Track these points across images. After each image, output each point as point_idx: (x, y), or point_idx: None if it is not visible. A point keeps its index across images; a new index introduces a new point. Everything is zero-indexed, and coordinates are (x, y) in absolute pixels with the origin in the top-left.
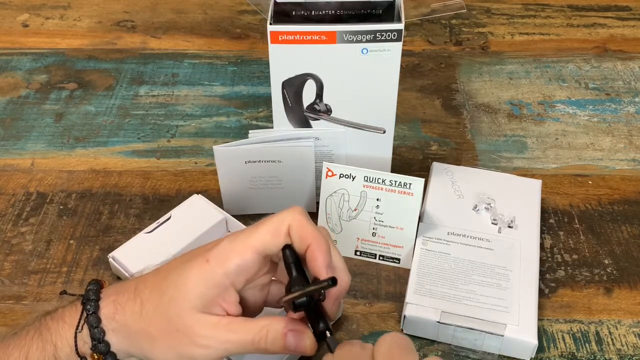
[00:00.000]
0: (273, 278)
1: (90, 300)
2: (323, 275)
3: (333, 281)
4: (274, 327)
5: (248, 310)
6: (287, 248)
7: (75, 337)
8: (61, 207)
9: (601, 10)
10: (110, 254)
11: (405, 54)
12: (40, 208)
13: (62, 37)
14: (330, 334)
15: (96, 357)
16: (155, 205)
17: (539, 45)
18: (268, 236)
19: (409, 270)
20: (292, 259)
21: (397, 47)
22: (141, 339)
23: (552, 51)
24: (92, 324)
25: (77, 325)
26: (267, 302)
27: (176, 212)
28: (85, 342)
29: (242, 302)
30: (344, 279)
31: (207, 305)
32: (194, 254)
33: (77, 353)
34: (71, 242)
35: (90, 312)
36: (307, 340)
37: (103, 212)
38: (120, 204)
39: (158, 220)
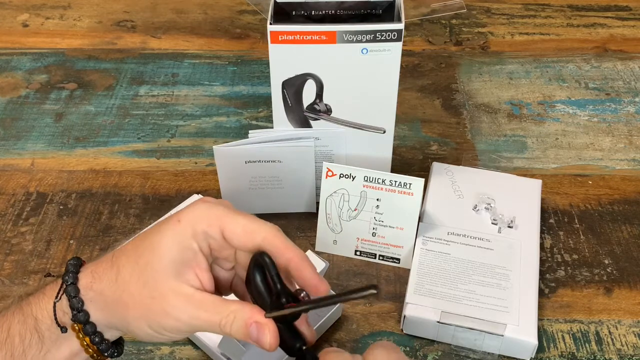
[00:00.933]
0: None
1: (69, 272)
2: (316, 284)
3: (376, 288)
4: (240, 315)
5: (219, 285)
6: (267, 257)
7: (54, 306)
8: (61, 207)
9: (601, 10)
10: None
11: (405, 54)
12: (40, 208)
13: (62, 37)
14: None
15: (77, 327)
16: (155, 205)
17: (539, 45)
18: (240, 231)
19: (409, 270)
20: (274, 271)
21: (397, 47)
22: (117, 308)
23: (552, 51)
24: (70, 294)
25: (57, 296)
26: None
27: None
28: (65, 313)
29: (213, 271)
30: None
31: (180, 271)
32: (170, 216)
33: (57, 322)
34: (71, 242)
35: (69, 282)
36: (267, 336)
37: (103, 212)
38: (120, 204)
39: (158, 220)
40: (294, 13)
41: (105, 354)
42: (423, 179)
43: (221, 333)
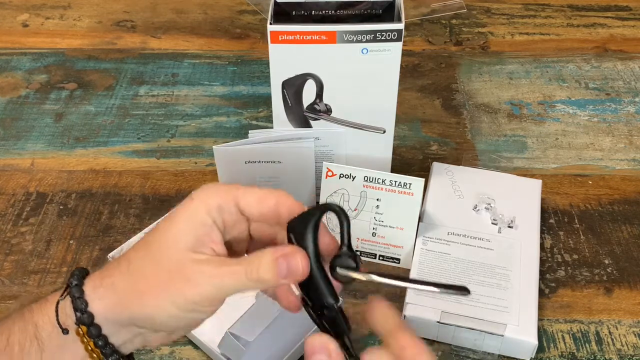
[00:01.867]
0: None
1: (74, 275)
2: (329, 240)
3: (468, 291)
4: (267, 254)
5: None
6: (339, 206)
7: (57, 307)
8: (61, 207)
9: (601, 10)
10: (110, 254)
11: (405, 54)
12: (40, 208)
13: (62, 37)
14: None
15: (81, 331)
16: (155, 205)
17: (539, 45)
18: (254, 199)
19: (409, 270)
20: (347, 224)
21: (397, 47)
22: (132, 298)
23: (552, 51)
24: (74, 295)
25: (61, 295)
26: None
27: None
28: (68, 316)
29: (227, 248)
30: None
31: (196, 245)
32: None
33: (58, 323)
34: (71, 242)
35: (74, 284)
36: (298, 260)
37: (103, 212)
38: (120, 204)
39: (158, 220)
40: (294, 13)
41: (110, 359)
42: (423, 179)
43: (249, 284)
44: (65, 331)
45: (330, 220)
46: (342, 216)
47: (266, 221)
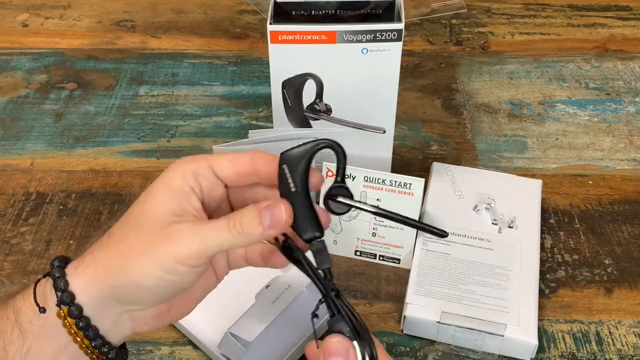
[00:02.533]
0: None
1: (55, 259)
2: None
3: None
4: (248, 209)
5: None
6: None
7: (35, 285)
8: (61, 207)
9: (601, 10)
10: None
11: (405, 54)
12: (40, 208)
13: (62, 37)
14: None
15: (62, 313)
16: None
17: (539, 45)
18: (227, 160)
19: (409, 270)
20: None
21: (397, 47)
22: (111, 265)
23: (552, 51)
24: (54, 274)
25: (39, 279)
26: None
27: None
28: (49, 299)
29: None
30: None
31: (176, 210)
32: None
33: (36, 302)
34: (71, 242)
35: (55, 265)
36: (282, 210)
37: (103, 212)
38: (120, 204)
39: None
40: (294, 13)
41: (93, 343)
42: (423, 179)
43: (232, 238)
44: (42, 309)
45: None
46: (340, 152)
47: (244, 182)
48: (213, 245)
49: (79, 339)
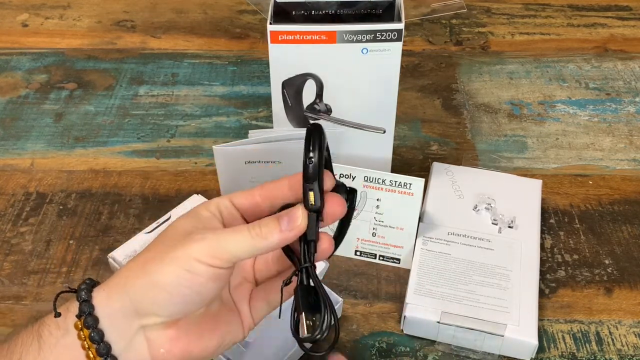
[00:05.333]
0: None
1: (84, 282)
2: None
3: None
4: (266, 218)
5: None
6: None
7: (56, 298)
8: (61, 207)
9: (601, 10)
10: (110, 254)
11: (405, 54)
12: (40, 208)
13: (61, 37)
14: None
15: (79, 324)
16: (155, 205)
17: (539, 45)
18: (244, 194)
19: (409, 270)
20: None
21: (397, 47)
22: (134, 271)
23: (552, 51)
24: (81, 287)
25: (61, 291)
26: None
27: (176, 212)
28: (71, 311)
29: None
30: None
31: (198, 226)
32: None
33: (54, 307)
34: (71, 242)
35: (82, 287)
36: (299, 213)
37: (103, 212)
38: (120, 204)
39: (158, 220)
40: (293, 13)
41: (103, 358)
42: (423, 179)
43: (252, 241)
44: (57, 314)
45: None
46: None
47: (258, 212)
48: (232, 247)
49: (91, 355)
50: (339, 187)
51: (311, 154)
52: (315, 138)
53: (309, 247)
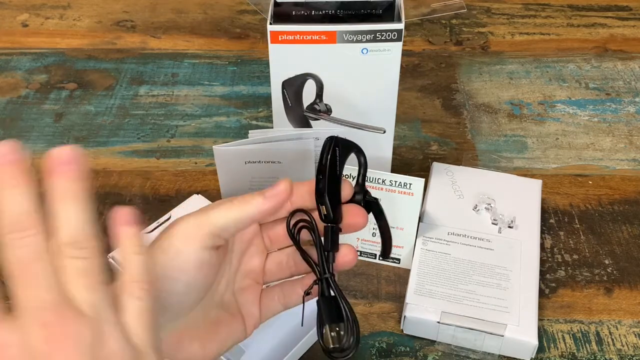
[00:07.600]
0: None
1: None
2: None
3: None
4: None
5: None
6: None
7: None
8: None
9: (601, 10)
10: (110, 254)
11: (405, 54)
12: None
13: (62, 37)
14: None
15: None
16: (155, 205)
17: (539, 45)
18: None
19: (409, 270)
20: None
21: (397, 47)
22: (157, 241)
23: (552, 51)
24: None
25: None
26: None
27: (176, 212)
28: None
29: None
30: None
31: None
32: None
33: None
34: None
35: None
36: (282, 182)
37: (103, 212)
38: (120, 204)
39: (158, 220)
40: (294, 13)
41: None
42: (423, 179)
43: (235, 210)
44: None
45: None
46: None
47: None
48: (215, 217)
49: None
50: (359, 197)
51: (321, 167)
52: (326, 152)
53: (328, 257)
